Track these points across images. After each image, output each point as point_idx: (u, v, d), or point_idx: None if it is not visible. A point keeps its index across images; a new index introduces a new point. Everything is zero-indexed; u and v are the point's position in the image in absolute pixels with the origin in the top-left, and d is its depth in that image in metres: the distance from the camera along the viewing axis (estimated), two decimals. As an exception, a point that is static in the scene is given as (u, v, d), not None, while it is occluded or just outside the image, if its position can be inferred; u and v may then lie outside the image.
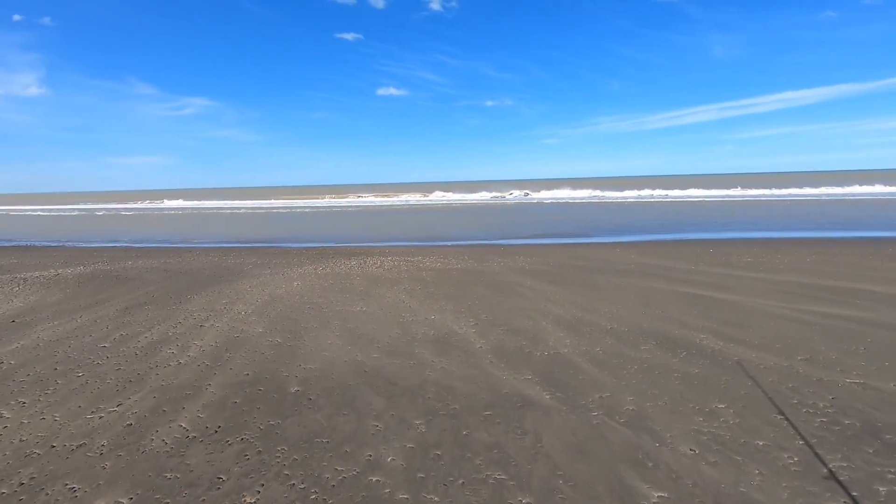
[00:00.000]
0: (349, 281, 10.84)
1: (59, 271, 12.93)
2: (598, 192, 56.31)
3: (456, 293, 9.41)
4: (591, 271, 11.40)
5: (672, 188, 58.73)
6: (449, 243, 18.48)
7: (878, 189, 45.07)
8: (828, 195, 42.39)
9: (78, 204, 70.61)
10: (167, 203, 62.83)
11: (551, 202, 45.54)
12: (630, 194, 51.98)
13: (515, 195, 58.63)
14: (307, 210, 44.17)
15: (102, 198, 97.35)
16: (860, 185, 49.40)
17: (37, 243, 21.95)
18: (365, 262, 13.66)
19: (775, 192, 47.56)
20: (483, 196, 57.34)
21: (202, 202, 61.96)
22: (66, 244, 21.13)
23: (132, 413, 4.60)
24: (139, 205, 61.68)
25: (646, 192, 53.23)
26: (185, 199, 72.71)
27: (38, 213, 52.80)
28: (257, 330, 7.23)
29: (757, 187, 54.84)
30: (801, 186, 52.54)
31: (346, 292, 9.68)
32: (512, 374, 5.34)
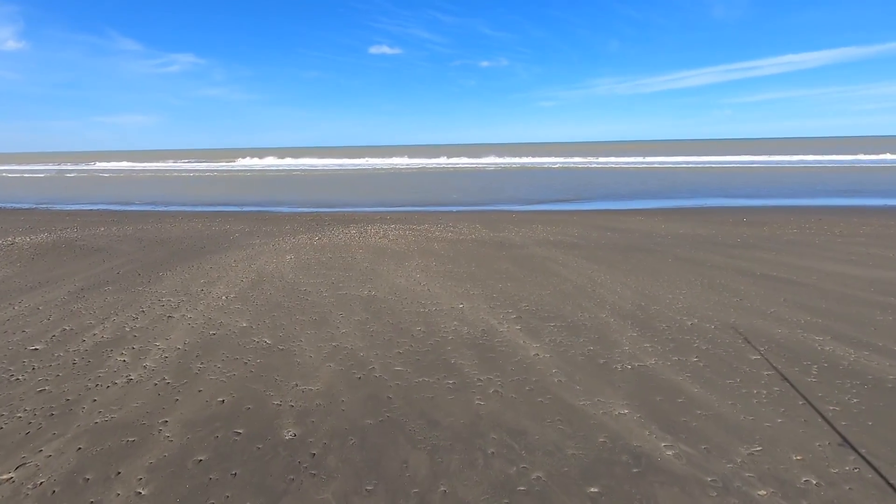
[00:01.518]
0: (350, 255, 9.05)
1: (17, 239, 10.95)
2: (593, 159, 54.28)
3: (479, 272, 7.68)
4: (626, 245, 9.69)
5: (674, 153, 56.81)
6: (453, 209, 16.64)
7: (887, 157, 43.47)
8: (838, 161, 40.81)
9: (63, 164, 67.02)
10: (155, 164, 59.69)
11: (552, 166, 43.50)
12: (628, 160, 49.99)
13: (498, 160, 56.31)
14: (300, 172, 41.72)
15: (90, 157, 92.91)
16: (865, 153, 47.78)
17: (3, 205, 19.72)
18: (366, 230, 11.82)
19: (782, 158, 45.83)
20: (487, 160, 55.03)
21: (191, 163, 58.89)
22: (37, 206, 18.95)
23: (31, 490, 2.87)
24: (124, 165, 58.47)
25: (649, 159, 51.23)
26: (175, 159, 69.34)
27: (15, 174, 49.85)
28: (240, 324, 5.48)
29: (760, 153, 53.04)
30: (805, 153, 50.84)
31: (348, 269, 7.91)
32: (598, 404, 3.67)
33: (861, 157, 43.28)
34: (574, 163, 45.74)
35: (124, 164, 59.09)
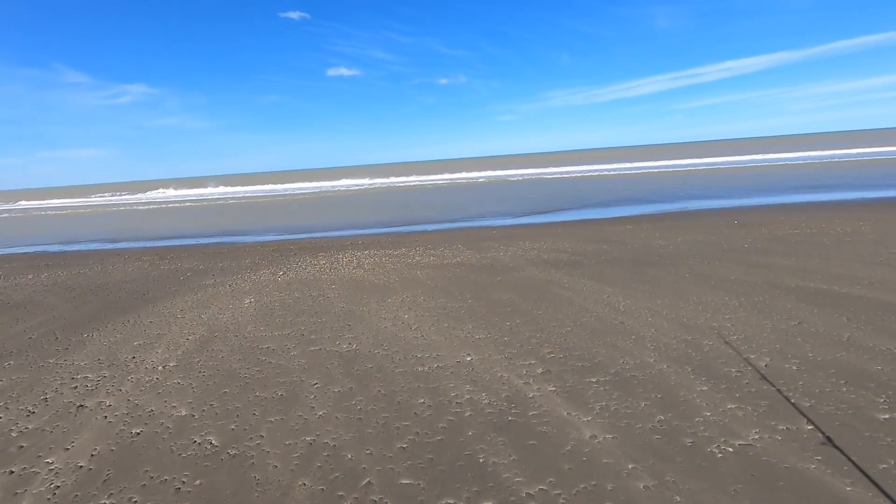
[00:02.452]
0: (321, 292, 7.56)
1: (-85, 299, 8.96)
2: (559, 169, 54.12)
3: (478, 306, 6.34)
4: (630, 260, 8.55)
5: (634, 159, 57.27)
6: (428, 227, 15.29)
7: (831, 152, 44.67)
8: (788, 158, 41.58)
9: (4, 202, 62.37)
10: (108, 198, 56.10)
11: (520, 178, 42.81)
12: (594, 167, 49.92)
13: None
14: (261, 197, 39.57)
15: (36, 194, 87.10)
16: (808, 150, 49.13)
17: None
18: (336, 259, 10.33)
19: (735, 158, 46.56)
20: (454, 176, 54.01)
21: (147, 194, 55.62)
22: (-37, 254, 16.55)
23: None
24: (74, 200, 54.69)
25: (613, 166, 51.29)
26: (130, 191, 65.63)
27: (-42, 215, 45.82)
28: (177, 412, 3.94)
29: (714, 155, 53.95)
30: (754, 153, 51.97)
31: (321, 313, 6.43)
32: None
33: (809, 153, 44.37)
34: (541, 174, 45.19)
35: (74, 200, 55.28)
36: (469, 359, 4.62)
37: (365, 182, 51.04)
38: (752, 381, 3.80)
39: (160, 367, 4.89)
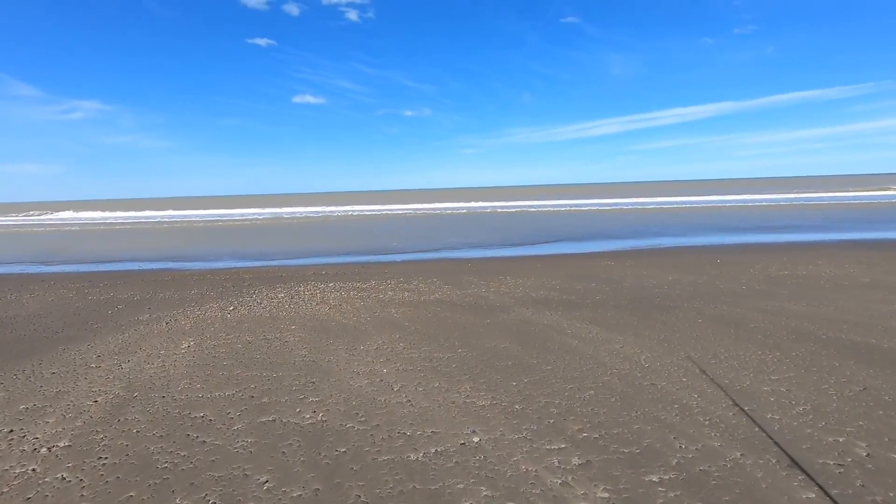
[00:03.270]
0: (279, 335, 6.20)
1: None
2: (522, 202, 54.21)
3: (472, 357, 5.17)
4: (630, 300, 7.63)
5: (593, 195, 58.23)
6: (397, 258, 14.07)
7: (783, 196, 46.57)
8: (739, 200, 43.01)
9: (-64, 219, 56.62)
10: (49, 216, 51.80)
11: (485, 210, 42.30)
12: (556, 202, 50.21)
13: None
14: (218, 221, 37.23)
15: (-25, 211, 79.78)
16: (755, 193, 51.27)
17: None
18: (298, 292, 8.95)
19: (689, 198, 47.88)
20: (420, 205, 53.04)
21: (93, 213, 51.73)
22: None
23: None
24: (10, 219, 50.12)
25: (574, 201, 51.77)
26: (75, 209, 61.14)
27: None
28: (48, 538, 2.55)
29: (667, 195, 55.46)
30: (704, 194, 53.80)
31: (278, 365, 5.09)
32: None
33: (757, 196, 46.19)
34: (507, 206, 44.91)
35: (10, 218, 50.73)
36: (476, 439, 3.42)
37: (329, 209, 49.34)
38: (866, 482, 2.78)
39: (43, 450, 3.43)
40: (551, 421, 3.65)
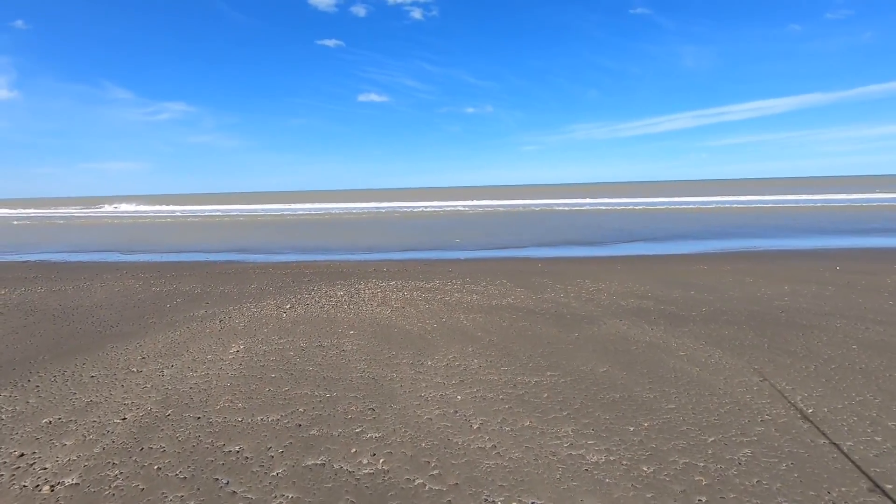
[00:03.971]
0: (336, 340, 5.38)
1: None
2: (586, 200, 51.88)
3: (565, 383, 4.08)
4: (748, 317, 6.22)
5: (661, 194, 54.88)
6: (461, 255, 13.11)
7: (880, 195, 41.59)
8: (832, 200, 38.74)
9: (37, 209, 62.23)
10: (133, 207, 55.39)
11: (548, 208, 40.63)
12: (624, 200, 47.54)
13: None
14: (286, 216, 38.03)
15: (71, 203, 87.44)
16: (849, 192, 46.11)
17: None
18: (357, 291, 8.19)
19: (770, 197, 43.76)
20: (479, 202, 52.16)
21: (176, 207, 54.77)
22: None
23: None
24: (104, 210, 54.01)
25: (642, 199, 48.86)
26: (162, 203, 65.17)
27: (-8, 218, 45.29)
28: None
29: (742, 194, 51.10)
30: (786, 193, 49.12)
31: (332, 382, 4.24)
32: None
33: (848, 196, 41.28)
34: (571, 204, 42.89)
35: (104, 210, 54.70)
36: (600, 524, 2.35)
37: (391, 205, 49.38)
38: None
39: (46, 488, 2.72)
40: (703, 501, 2.51)
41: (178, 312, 7.01)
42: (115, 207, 57.78)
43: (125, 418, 3.57)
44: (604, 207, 36.07)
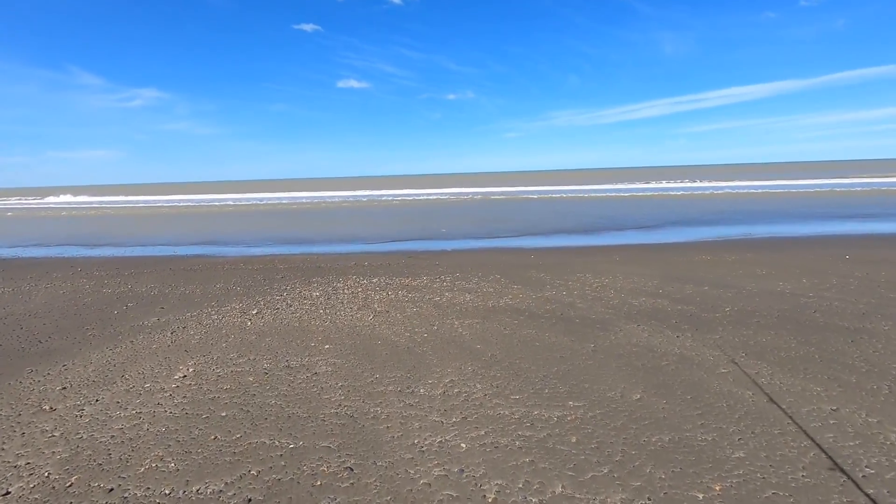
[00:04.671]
0: (307, 360, 4.40)
1: None
2: (570, 187, 51.22)
3: (596, 419, 3.18)
4: (780, 319, 5.43)
5: (643, 180, 54.56)
6: (448, 246, 12.15)
7: (854, 180, 41.77)
8: (808, 185, 38.76)
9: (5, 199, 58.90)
10: (105, 198, 52.76)
11: (532, 196, 39.78)
12: (606, 187, 47.01)
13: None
14: (263, 205, 36.39)
15: (38, 192, 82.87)
16: (825, 177, 46.37)
17: None
18: (336, 290, 7.19)
19: (751, 183, 43.68)
20: (463, 190, 51.05)
21: (148, 197, 52.34)
22: None
23: None
24: (68, 199, 51.22)
25: (624, 185, 48.34)
26: (133, 193, 62.43)
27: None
28: None
29: (728, 179, 51.05)
30: (763, 179, 49.24)
31: (299, 423, 3.27)
32: None
33: (821, 181, 41.40)
34: (553, 191, 42.09)
35: (68, 199, 51.93)
36: None
37: (372, 193, 47.95)
38: None
39: None
40: None
41: (126, 321, 5.93)
42: (88, 197, 55.00)
43: (7, 493, 2.55)
44: (588, 195, 35.37)
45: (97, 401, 3.65)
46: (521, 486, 2.51)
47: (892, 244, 10.17)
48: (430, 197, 38.57)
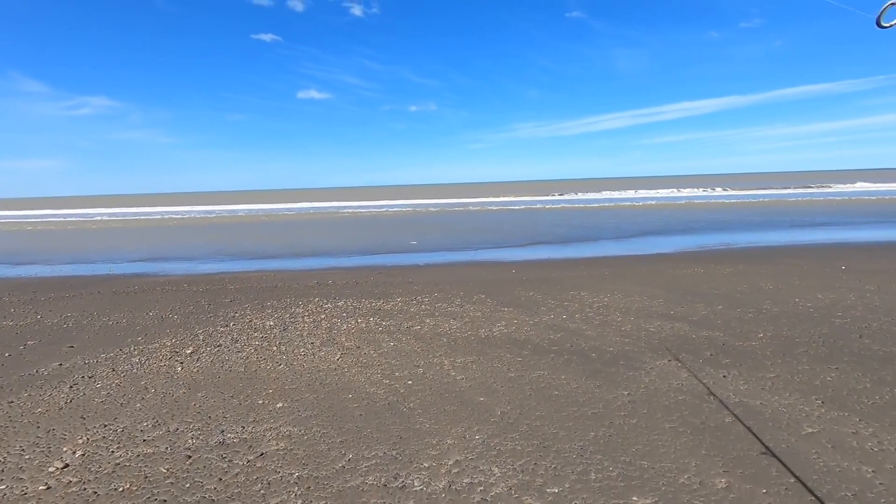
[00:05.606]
0: (254, 424, 3.12)
1: None
2: (538, 198, 50.98)
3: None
4: (826, 340, 4.56)
5: (608, 189, 55.12)
6: (421, 260, 10.99)
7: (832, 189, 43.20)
8: (765, 195, 39.80)
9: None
10: (53, 212, 48.55)
11: (504, 207, 39.07)
12: (576, 197, 46.97)
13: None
14: (220, 218, 34.01)
15: (-14, 206, 75.66)
16: (779, 188, 47.95)
17: None
18: (294, 316, 5.89)
19: (710, 192, 44.68)
20: (428, 201, 49.86)
21: (90, 210, 48.47)
22: None
23: None
24: (11, 213, 46.80)
25: (594, 195, 48.47)
26: (80, 206, 57.92)
27: None
28: None
29: (688, 187, 52.13)
30: (728, 188, 50.68)
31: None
32: None
33: (782, 191, 42.80)
34: (520, 202, 41.50)
35: (11, 213, 47.50)
36: None
37: (335, 205, 46.12)
38: None
39: None
40: None
41: (16, 368, 4.45)
42: (31, 211, 50.49)
43: None
44: (556, 206, 34.92)
45: None
46: None
47: (880, 255, 9.76)
48: (397, 208, 37.25)
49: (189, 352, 4.77)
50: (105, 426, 3.23)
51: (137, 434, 3.11)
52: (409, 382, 3.83)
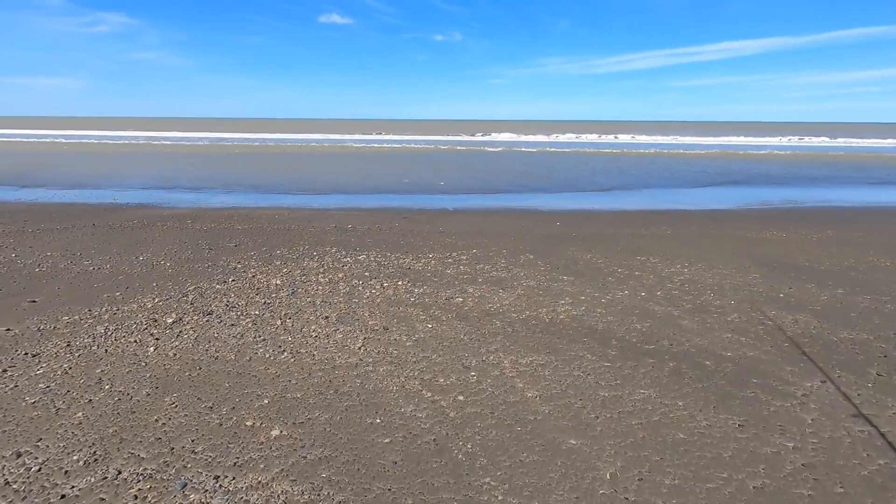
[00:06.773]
0: (236, 458, 1.97)
1: None
2: (564, 137, 47.99)
3: None
4: None
5: (642, 133, 51.66)
6: (450, 204, 9.62)
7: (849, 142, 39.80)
8: (809, 147, 36.62)
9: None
10: (69, 132, 47.28)
11: (531, 150, 36.65)
12: (608, 140, 43.97)
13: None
14: (234, 145, 32.37)
15: None
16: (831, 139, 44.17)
17: None
18: (306, 275, 4.69)
19: (758, 140, 41.35)
20: (451, 138, 47.31)
21: (105, 132, 47.04)
22: None
23: None
24: (25, 132, 45.64)
25: (611, 139, 45.43)
26: (96, 128, 56.50)
27: None
28: None
29: (727, 136, 48.40)
30: (769, 136, 46.95)
31: None
32: None
33: (836, 142, 39.34)
34: (549, 143, 38.82)
35: (25, 131, 46.36)
36: None
37: (354, 137, 43.96)
38: None
39: None
40: None
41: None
42: (46, 131, 49.29)
43: None
44: (590, 149, 32.34)
45: None
46: None
47: None
48: (420, 144, 35.10)
49: (171, 321, 3.63)
50: (15, 458, 2.12)
51: (58, 478, 1.99)
52: (461, 398, 2.64)
